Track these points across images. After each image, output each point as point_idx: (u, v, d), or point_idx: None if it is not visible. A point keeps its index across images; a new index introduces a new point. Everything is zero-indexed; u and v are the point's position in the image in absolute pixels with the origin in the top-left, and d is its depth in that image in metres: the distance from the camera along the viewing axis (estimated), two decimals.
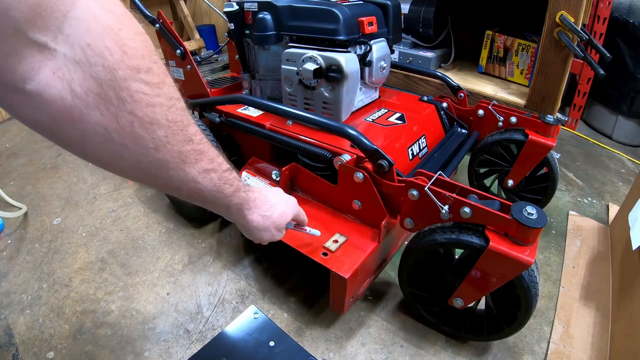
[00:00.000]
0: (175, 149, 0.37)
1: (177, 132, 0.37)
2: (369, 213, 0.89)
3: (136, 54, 0.31)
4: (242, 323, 0.72)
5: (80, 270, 1.08)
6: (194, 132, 0.39)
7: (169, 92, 0.35)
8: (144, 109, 0.33)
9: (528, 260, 0.65)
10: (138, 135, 0.34)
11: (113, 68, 0.30)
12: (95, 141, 0.33)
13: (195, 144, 0.40)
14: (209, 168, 0.43)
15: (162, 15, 1.20)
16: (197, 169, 0.41)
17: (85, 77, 0.29)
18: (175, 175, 0.40)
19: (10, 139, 1.82)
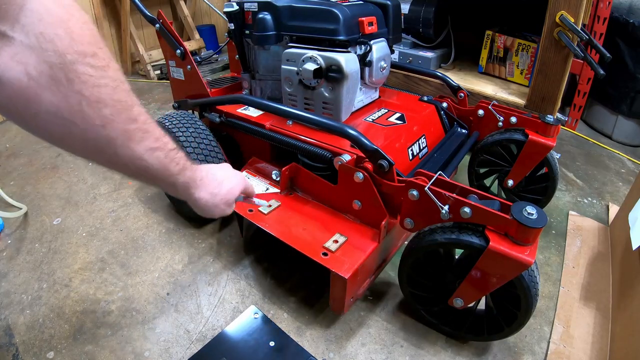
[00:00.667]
0: (120, 126, 0.41)
1: (122, 110, 0.40)
2: (369, 213, 0.89)
3: (83, 40, 0.35)
4: (242, 323, 0.72)
5: (81, 270, 1.08)
6: (138, 112, 0.43)
7: (114, 75, 0.39)
8: (90, 89, 0.37)
9: (528, 260, 0.65)
10: (85, 113, 0.37)
11: (62, 53, 0.34)
12: (47, 119, 0.37)
13: (141, 123, 0.43)
14: (155, 146, 0.46)
15: (162, 15, 1.20)
16: (143, 147, 0.44)
17: (38, 61, 0.33)
18: (122, 152, 0.42)
19: (10, 139, 1.82)
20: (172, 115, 1.12)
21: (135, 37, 2.56)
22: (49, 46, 0.33)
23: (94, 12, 2.43)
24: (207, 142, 1.07)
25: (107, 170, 1.54)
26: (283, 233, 0.89)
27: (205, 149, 1.06)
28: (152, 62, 2.61)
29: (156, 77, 2.58)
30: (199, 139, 1.07)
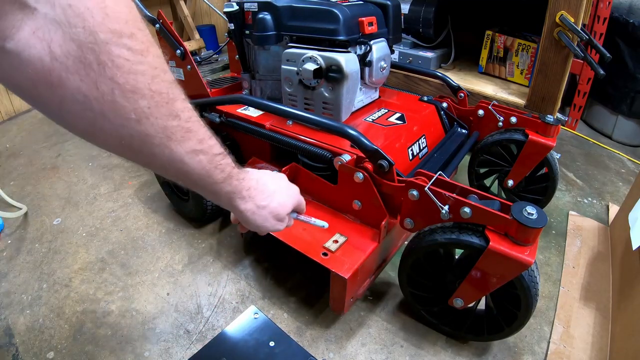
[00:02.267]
0: (159, 122, 0.35)
1: (162, 104, 0.35)
2: (369, 213, 0.89)
3: (119, 17, 0.30)
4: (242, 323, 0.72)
5: (80, 270, 1.08)
6: (181, 108, 0.37)
7: (154, 62, 0.33)
8: (125, 76, 0.31)
9: (528, 260, 0.65)
10: (119, 105, 0.32)
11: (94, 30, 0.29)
12: (74, 109, 0.32)
13: (183, 120, 0.38)
14: (198, 149, 0.40)
15: (162, 15, 1.20)
16: (185, 148, 0.39)
17: (65, 39, 0.28)
18: (160, 152, 0.37)
19: (10, 139, 1.82)
20: None
21: None
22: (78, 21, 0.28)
23: None
24: None
25: (107, 170, 1.54)
26: (283, 233, 0.89)
27: None
28: None
29: None
30: None
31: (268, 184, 0.54)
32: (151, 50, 0.33)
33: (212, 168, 0.43)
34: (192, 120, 0.39)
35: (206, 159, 0.41)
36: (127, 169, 1.55)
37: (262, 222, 0.53)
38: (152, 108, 0.34)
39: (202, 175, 0.42)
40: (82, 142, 1.76)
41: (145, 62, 0.32)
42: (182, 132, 0.38)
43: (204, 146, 0.41)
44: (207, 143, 0.41)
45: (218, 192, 0.47)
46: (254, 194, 0.51)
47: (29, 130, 1.91)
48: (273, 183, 0.55)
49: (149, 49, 0.33)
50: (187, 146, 0.39)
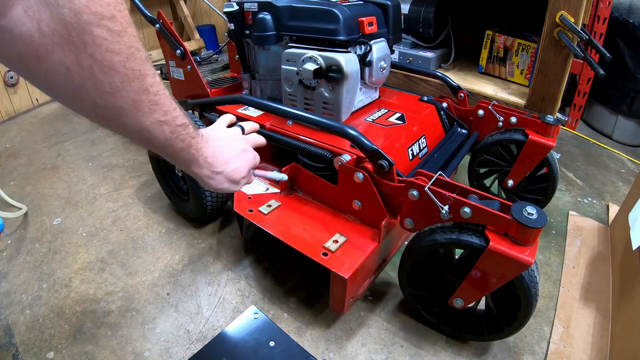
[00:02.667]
0: (130, 95, 0.39)
1: (134, 79, 0.39)
2: (369, 213, 0.89)
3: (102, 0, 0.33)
4: (242, 323, 0.72)
5: (81, 270, 1.08)
6: (151, 83, 0.41)
7: (129, 41, 0.37)
8: (103, 54, 0.35)
9: (528, 260, 0.65)
10: (96, 79, 0.36)
11: (79, 11, 0.32)
12: (57, 80, 0.35)
13: (152, 94, 0.42)
14: (162, 120, 0.44)
15: (162, 15, 1.20)
16: (150, 119, 0.43)
17: (52, 18, 0.32)
18: (129, 122, 0.42)
19: (10, 139, 1.82)
20: None
21: None
22: (65, 2, 0.31)
23: None
24: None
25: (107, 170, 1.54)
26: (283, 233, 0.89)
27: None
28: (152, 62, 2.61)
29: None
30: None
31: (224, 152, 0.59)
32: (128, 30, 0.37)
33: (173, 138, 0.47)
34: (160, 94, 0.43)
35: (169, 130, 0.46)
36: (127, 169, 1.56)
37: (217, 184, 0.59)
38: (124, 83, 0.38)
39: (164, 144, 0.47)
40: (82, 142, 1.76)
41: (122, 42, 0.36)
42: (149, 105, 0.42)
43: (167, 117, 0.45)
44: (171, 114, 0.45)
45: (177, 159, 0.52)
46: (211, 161, 0.56)
47: (29, 130, 1.91)
48: (229, 152, 0.60)
49: (127, 29, 0.37)
50: (153, 117, 0.43)
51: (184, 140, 0.49)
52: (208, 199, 1.10)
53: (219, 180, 0.59)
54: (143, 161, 1.59)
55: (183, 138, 0.49)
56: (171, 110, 0.45)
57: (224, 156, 0.59)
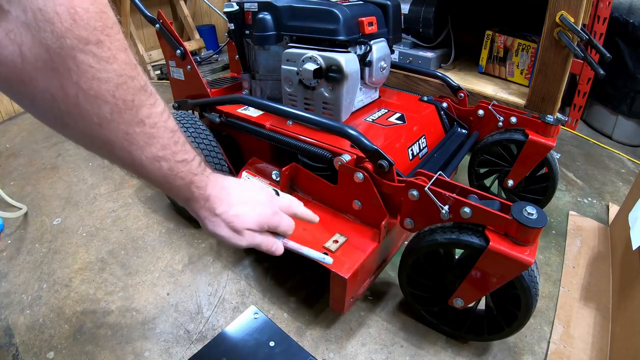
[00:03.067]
0: (121, 128, 0.36)
1: (125, 111, 0.36)
2: (369, 213, 0.89)
3: (87, 24, 0.31)
4: (242, 323, 0.72)
5: (81, 270, 1.08)
6: (147, 115, 0.38)
7: (120, 69, 0.34)
8: (89, 82, 0.33)
9: (528, 260, 0.65)
10: (82, 108, 0.33)
11: (61, 36, 0.30)
12: (43, 105, 0.33)
13: (147, 127, 0.38)
14: (160, 155, 0.41)
15: (162, 15, 1.20)
16: (145, 154, 0.40)
17: (34, 42, 0.29)
18: (121, 155, 0.39)
19: (10, 139, 1.82)
20: None
21: (135, 37, 2.56)
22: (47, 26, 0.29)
23: None
24: (207, 142, 1.07)
25: (107, 170, 1.54)
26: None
27: (205, 149, 1.06)
28: (152, 62, 2.61)
29: (156, 77, 2.58)
30: (199, 139, 1.07)
31: (232, 194, 0.52)
32: (119, 57, 0.34)
33: (171, 175, 0.43)
34: (158, 127, 0.40)
35: (167, 166, 0.42)
36: None
37: (214, 229, 0.51)
38: (114, 114, 0.35)
39: (161, 180, 0.43)
40: None
41: (110, 69, 0.33)
42: (144, 139, 0.39)
43: (166, 152, 0.41)
44: (171, 149, 0.42)
45: (176, 195, 0.48)
46: (212, 201, 0.50)
47: (29, 130, 1.91)
48: (240, 194, 0.53)
49: (117, 56, 0.34)
50: (149, 152, 0.40)
51: (183, 178, 0.45)
52: None
53: (216, 223, 0.51)
54: None
55: (183, 175, 0.45)
56: (171, 145, 0.42)
57: (230, 198, 0.51)
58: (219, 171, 0.56)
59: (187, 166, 0.45)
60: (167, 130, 0.41)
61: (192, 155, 0.45)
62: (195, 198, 0.49)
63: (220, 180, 0.51)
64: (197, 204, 0.49)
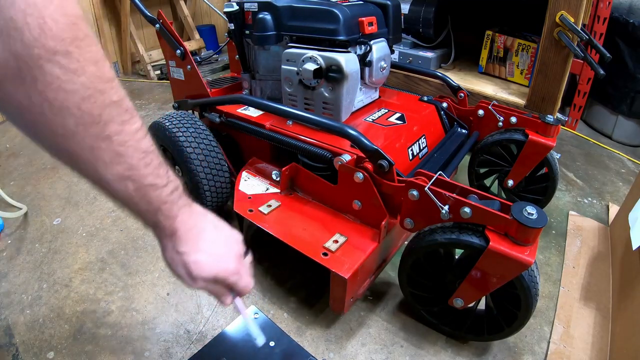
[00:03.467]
0: (86, 142, 0.36)
1: (92, 125, 0.35)
2: (369, 213, 0.89)
3: (55, 34, 0.31)
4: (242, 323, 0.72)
5: (81, 270, 1.08)
6: (116, 131, 0.37)
7: (89, 82, 0.34)
8: (55, 93, 0.32)
9: (528, 260, 0.65)
10: (48, 118, 0.33)
11: (29, 45, 0.30)
12: (12, 112, 0.34)
13: (115, 144, 0.37)
14: (127, 175, 0.39)
15: (162, 15, 1.20)
16: (112, 171, 0.38)
17: (4, 49, 0.30)
18: (86, 170, 0.38)
19: (10, 139, 1.82)
20: (172, 115, 1.12)
21: (135, 37, 2.56)
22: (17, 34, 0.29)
23: (94, 12, 2.43)
24: (207, 143, 1.07)
25: None
26: (283, 233, 0.89)
27: (205, 149, 1.06)
28: (152, 62, 2.61)
29: (156, 77, 2.58)
30: (199, 139, 1.07)
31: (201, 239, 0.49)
32: (88, 69, 0.34)
33: (138, 197, 0.42)
34: (127, 145, 0.38)
35: (133, 187, 0.41)
36: None
37: (171, 263, 0.49)
38: (79, 127, 0.34)
39: (127, 201, 0.42)
40: None
41: (77, 81, 0.33)
42: (111, 156, 0.37)
43: (133, 173, 0.40)
44: (138, 172, 0.40)
45: (143, 220, 0.46)
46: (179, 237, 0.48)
47: None
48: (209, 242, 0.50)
49: (86, 68, 0.33)
50: (115, 170, 0.38)
51: (150, 203, 0.43)
52: (208, 199, 1.10)
53: (175, 260, 0.48)
54: None
55: (150, 200, 0.43)
56: (140, 166, 0.40)
57: (198, 242, 0.49)
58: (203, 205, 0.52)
59: (156, 191, 0.43)
60: (139, 150, 0.40)
61: (164, 181, 0.43)
62: (162, 226, 0.46)
63: (194, 218, 0.49)
64: (162, 232, 0.47)
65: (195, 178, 1.05)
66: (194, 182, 1.07)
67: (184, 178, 1.14)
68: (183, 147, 1.04)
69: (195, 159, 1.04)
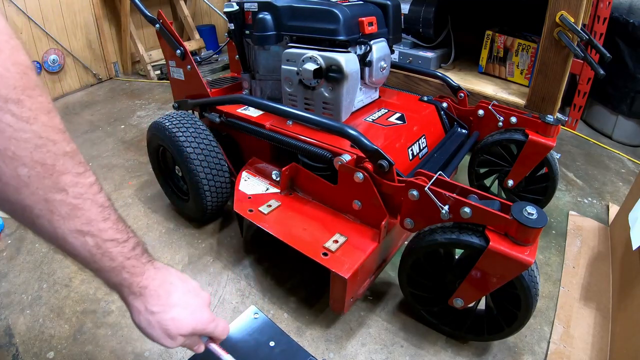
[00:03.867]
0: (39, 193, 0.34)
1: (45, 176, 0.34)
2: (369, 213, 0.89)
3: (7, 82, 0.31)
4: (242, 323, 0.72)
5: (81, 270, 1.08)
6: (71, 183, 0.36)
7: (41, 131, 0.33)
8: (6, 141, 0.31)
9: (528, 260, 0.65)
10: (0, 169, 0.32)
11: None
12: None
13: (71, 196, 0.36)
14: (85, 230, 0.37)
15: (162, 15, 1.20)
16: (68, 226, 0.36)
17: None
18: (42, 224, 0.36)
19: None
20: (172, 115, 1.12)
21: (135, 37, 2.56)
22: None
23: (94, 12, 2.43)
24: (207, 142, 1.08)
25: (107, 170, 1.54)
26: (283, 233, 0.89)
27: (205, 149, 1.06)
28: (152, 62, 2.61)
29: (156, 77, 2.58)
30: (199, 139, 1.07)
31: (171, 294, 0.47)
32: (40, 118, 0.33)
33: (98, 253, 0.39)
34: (84, 198, 0.37)
35: (93, 242, 0.39)
36: (127, 169, 1.56)
37: (146, 326, 0.46)
38: (32, 177, 0.33)
39: (88, 259, 0.39)
40: (82, 142, 1.76)
41: (29, 130, 0.32)
42: (66, 208, 0.36)
43: (92, 228, 0.38)
44: (97, 226, 0.38)
45: (106, 279, 0.43)
46: (150, 296, 0.45)
47: None
48: (179, 296, 0.48)
49: (38, 117, 0.33)
50: (71, 224, 0.37)
51: (113, 259, 0.41)
52: (208, 199, 1.10)
53: (149, 322, 0.46)
54: (143, 161, 1.59)
55: (113, 256, 0.41)
56: (98, 220, 0.38)
57: (170, 298, 0.46)
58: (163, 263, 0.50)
59: (117, 247, 0.41)
60: (96, 204, 0.38)
61: (125, 236, 0.42)
62: (128, 284, 0.44)
63: (161, 273, 0.47)
64: (130, 292, 0.44)
65: (195, 178, 1.05)
66: (194, 182, 1.07)
67: (184, 178, 1.14)
68: (183, 147, 1.04)
69: (195, 159, 1.04)
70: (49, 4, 2.20)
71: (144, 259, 0.45)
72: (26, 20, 2.10)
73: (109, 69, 2.64)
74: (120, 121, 1.98)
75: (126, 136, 1.82)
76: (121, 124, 1.95)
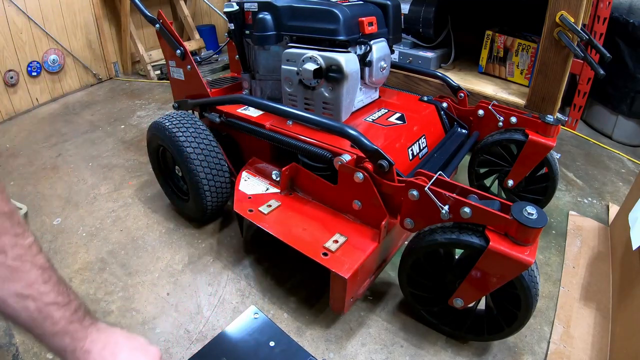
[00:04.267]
0: None
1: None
2: (369, 213, 0.89)
3: None
4: (242, 323, 0.72)
5: (81, 270, 1.08)
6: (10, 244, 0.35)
7: None
8: None
9: (528, 260, 0.65)
10: None
11: None
12: None
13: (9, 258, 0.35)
14: (25, 294, 0.37)
15: (162, 15, 1.20)
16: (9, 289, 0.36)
17: None
18: None
19: (10, 139, 1.82)
20: (172, 115, 1.12)
21: (135, 37, 2.56)
22: None
23: (94, 12, 2.43)
24: (207, 142, 1.08)
25: (107, 170, 1.54)
26: (283, 233, 0.89)
27: (205, 149, 1.06)
28: (152, 62, 2.61)
29: (156, 77, 2.58)
30: (199, 139, 1.07)
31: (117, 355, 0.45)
32: None
33: (41, 318, 0.38)
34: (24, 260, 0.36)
35: (34, 306, 0.38)
36: (127, 169, 1.56)
37: None
38: None
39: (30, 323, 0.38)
40: (82, 142, 1.76)
41: None
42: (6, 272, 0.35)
43: (32, 291, 0.37)
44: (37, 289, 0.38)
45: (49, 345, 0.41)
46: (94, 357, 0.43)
47: (29, 130, 1.91)
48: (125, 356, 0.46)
49: None
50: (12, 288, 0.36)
51: (55, 323, 0.39)
52: (208, 199, 1.10)
53: None
54: (143, 161, 1.59)
55: (55, 320, 0.39)
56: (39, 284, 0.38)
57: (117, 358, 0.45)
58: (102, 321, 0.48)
59: (59, 310, 0.40)
60: (36, 265, 0.38)
61: (66, 299, 0.41)
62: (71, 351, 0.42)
63: (104, 335, 0.45)
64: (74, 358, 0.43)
65: (195, 178, 1.05)
66: (194, 182, 1.07)
67: (184, 178, 1.14)
68: (183, 147, 1.04)
69: (195, 159, 1.04)
70: (49, 4, 2.20)
71: (87, 321, 0.43)
72: (26, 20, 2.10)
73: (109, 69, 2.64)
74: (120, 121, 1.98)
75: (126, 136, 1.82)
76: (121, 124, 1.95)
